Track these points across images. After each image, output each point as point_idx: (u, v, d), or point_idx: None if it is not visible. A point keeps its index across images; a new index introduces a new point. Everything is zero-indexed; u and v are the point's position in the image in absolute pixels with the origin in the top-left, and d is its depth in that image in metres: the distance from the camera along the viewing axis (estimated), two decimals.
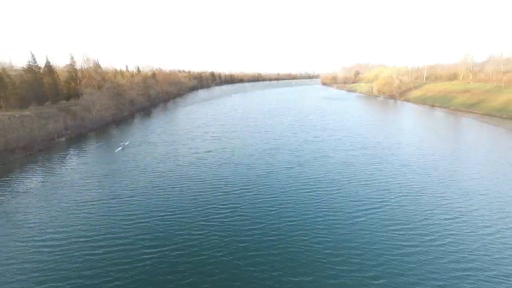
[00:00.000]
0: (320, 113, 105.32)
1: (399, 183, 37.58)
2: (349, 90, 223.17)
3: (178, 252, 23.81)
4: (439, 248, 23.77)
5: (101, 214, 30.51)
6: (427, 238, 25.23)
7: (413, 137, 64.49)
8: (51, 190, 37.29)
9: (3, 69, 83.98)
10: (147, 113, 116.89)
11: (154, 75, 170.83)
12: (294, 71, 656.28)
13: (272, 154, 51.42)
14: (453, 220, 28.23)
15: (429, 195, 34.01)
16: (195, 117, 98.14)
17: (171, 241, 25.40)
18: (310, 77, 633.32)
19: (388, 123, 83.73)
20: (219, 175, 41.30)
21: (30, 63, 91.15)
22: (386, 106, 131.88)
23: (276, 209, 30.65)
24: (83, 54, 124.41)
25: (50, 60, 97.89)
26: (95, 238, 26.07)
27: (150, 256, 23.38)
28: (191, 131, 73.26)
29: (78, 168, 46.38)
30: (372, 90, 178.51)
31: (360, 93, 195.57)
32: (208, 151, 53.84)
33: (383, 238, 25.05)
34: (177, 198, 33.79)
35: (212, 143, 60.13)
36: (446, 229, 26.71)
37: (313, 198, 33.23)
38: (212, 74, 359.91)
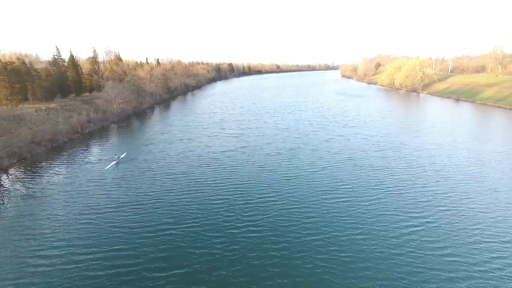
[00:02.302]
0: (340, 109, 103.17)
1: (434, 193, 34.08)
2: (370, 82, 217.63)
3: (199, 259, 23.78)
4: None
5: (119, 211, 31.52)
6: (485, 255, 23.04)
7: (443, 136, 60.26)
8: (74, 184, 38.84)
9: (30, 63, 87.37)
10: (166, 105, 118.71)
11: (173, 67, 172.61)
12: (313, 62, 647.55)
13: (292, 155, 48.96)
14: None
15: (478, 211, 29.91)
16: (212, 111, 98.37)
17: (191, 242, 25.92)
18: (329, 68, 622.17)
19: (414, 120, 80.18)
20: (236, 177, 39.54)
21: (55, 56, 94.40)
22: (409, 100, 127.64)
23: (297, 216, 29.06)
24: (105, 46, 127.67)
25: (73, 53, 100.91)
26: (114, 232, 27.08)
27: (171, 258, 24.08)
28: (208, 127, 72.21)
29: (99, 162, 48.05)
30: (393, 82, 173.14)
31: (380, 85, 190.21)
32: (224, 151, 51.68)
33: (426, 256, 22.81)
34: (192, 201, 32.63)
35: (229, 142, 57.67)
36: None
37: (337, 205, 31.15)
38: (230, 65, 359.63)
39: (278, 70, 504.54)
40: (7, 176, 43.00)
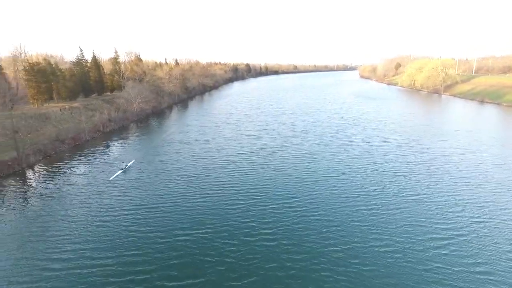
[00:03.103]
0: (359, 110, 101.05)
1: (463, 202, 32.19)
2: (389, 83, 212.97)
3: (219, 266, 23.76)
4: None
5: (134, 214, 31.71)
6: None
7: (469, 140, 57.89)
8: (93, 184, 39.54)
9: (56, 63, 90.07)
10: (184, 105, 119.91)
11: (191, 67, 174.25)
12: (331, 62, 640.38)
13: (309, 158, 47.83)
14: None
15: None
16: (229, 112, 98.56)
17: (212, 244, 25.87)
18: (347, 69, 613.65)
19: (437, 123, 77.68)
20: (252, 181, 38.62)
21: (79, 57, 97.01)
22: (431, 102, 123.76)
23: (316, 224, 28.03)
24: (126, 47, 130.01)
25: (96, 53, 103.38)
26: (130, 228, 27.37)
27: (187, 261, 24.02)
28: (224, 129, 71.87)
29: (119, 160, 48.80)
30: (414, 83, 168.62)
31: (401, 86, 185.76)
32: (241, 153, 51.00)
33: (456, 273, 21.59)
34: (206, 206, 32.02)
35: (245, 144, 56.86)
36: None
37: (357, 213, 29.95)
38: (248, 66, 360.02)
39: (295, 70, 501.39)
40: (33, 172, 44.36)
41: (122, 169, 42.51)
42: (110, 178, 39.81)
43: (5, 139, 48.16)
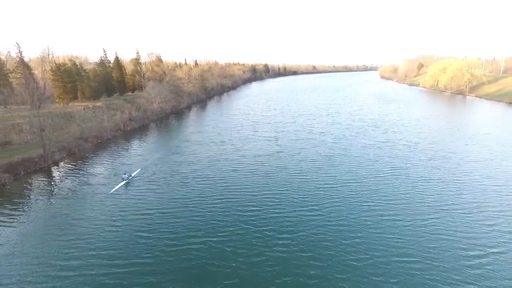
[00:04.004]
0: (380, 112, 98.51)
1: (498, 214, 29.71)
2: (411, 84, 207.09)
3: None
4: None
5: (148, 215, 32.05)
6: None
7: (498, 145, 54.41)
8: (111, 184, 40.41)
9: (80, 64, 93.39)
10: (203, 105, 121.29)
11: (210, 68, 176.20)
12: (350, 63, 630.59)
13: (328, 162, 46.11)
14: None
15: None
16: (246, 113, 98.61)
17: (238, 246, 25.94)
18: (367, 69, 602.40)
19: (463, 126, 74.39)
20: (269, 185, 37.39)
21: (102, 58, 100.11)
22: (455, 103, 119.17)
23: (336, 234, 26.37)
24: (148, 48, 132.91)
25: (118, 55, 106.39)
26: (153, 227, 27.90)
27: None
28: (241, 130, 71.10)
29: (140, 158, 49.98)
30: (437, 84, 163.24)
31: (423, 87, 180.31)
32: (257, 156, 49.85)
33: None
34: (222, 210, 31.23)
35: (262, 146, 55.73)
36: None
37: (381, 223, 27.99)
38: (266, 66, 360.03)
39: (314, 71, 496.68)
40: (58, 169, 46.11)
41: (124, 180, 38.36)
42: (110, 192, 35.64)
43: (33, 137, 50.30)
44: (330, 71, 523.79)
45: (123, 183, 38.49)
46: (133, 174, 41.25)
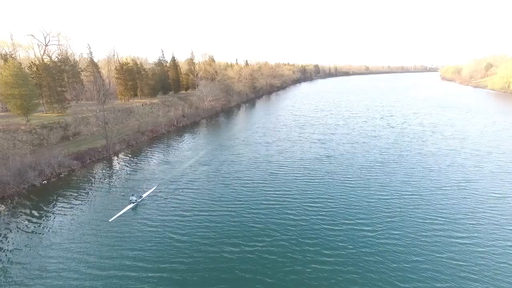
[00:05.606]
0: (442, 116, 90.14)
1: None
2: (477, 86, 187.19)
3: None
4: None
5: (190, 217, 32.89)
6: None
7: None
8: (164, 179, 42.68)
9: (141, 64, 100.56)
10: (251, 104, 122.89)
11: (260, 68, 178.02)
12: (407, 63, 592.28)
13: (382, 170, 41.06)
14: None
15: None
16: (294, 113, 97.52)
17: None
18: (426, 70, 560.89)
19: None
20: (318, 193, 34.22)
21: (160, 58, 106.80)
22: None
23: (393, 256, 22.80)
24: (202, 48, 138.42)
25: (174, 55, 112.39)
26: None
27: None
28: (289, 131, 69.81)
29: (188, 152, 52.20)
30: (508, 86, 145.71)
31: (491, 89, 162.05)
32: (305, 159, 47.09)
33: None
34: (264, 215, 29.28)
35: (310, 148, 52.88)
36: None
37: (453, 254, 22.70)
38: (316, 67, 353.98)
39: (367, 71, 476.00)
40: (118, 159, 50.05)
41: (132, 203, 31.94)
42: (110, 220, 29.15)
43: (98, 129, 55.24)
44: (384, 72, 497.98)
45: (129, 206, 31.69)
46: (144, 195, 34.17)
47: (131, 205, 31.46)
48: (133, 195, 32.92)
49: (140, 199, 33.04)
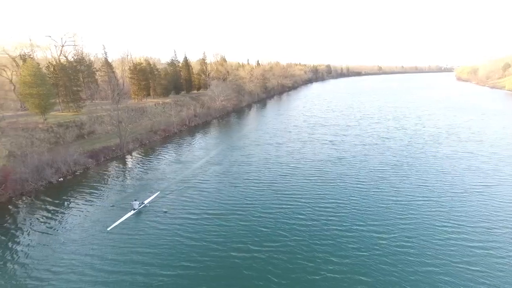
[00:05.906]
0: (458, 118, 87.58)
1: None
2: (493, 87, 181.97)
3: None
4: None
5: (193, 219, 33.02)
6: None
7: None
8: (175, 180, 43.06)
9: (154, 64, 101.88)
10: (263, 104, 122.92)
11: (271, 68, 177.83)
12: (421, 63, 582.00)
13: (397, 175, 39.24)
14: None
15: None
16: (305, 114, 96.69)
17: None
18: (441, 70, 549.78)
19: None
20: (324, 195, 33.31)
21: (173, 58, 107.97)
22: None
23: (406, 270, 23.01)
24: (214, 48, 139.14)
25: (187, 55, 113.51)
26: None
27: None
28: (299, 131, 68.79)
29: (200, 152, 52.60)
30: None
31: (509, 89, 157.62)
32: (315, 161, 45.92)
33: None
34: (273, 219, 28.46)
35: (321, 150, 51.71)
36: None
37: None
38: (328, 67, 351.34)
39: (380, 71, 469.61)
40: (131, 158, 50.88)
41: (134, 209, 30.88)
42: (108, 229, 27.59)
43: (112, 128, 56.26)
44: (398, 72, 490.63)
45: (131, 213, 30.49)
46: (145, 202, 32.71)
47: (141, 206, 31.42)
48: (135, 200, 31.74)
49: (150, 199, 33.29)
